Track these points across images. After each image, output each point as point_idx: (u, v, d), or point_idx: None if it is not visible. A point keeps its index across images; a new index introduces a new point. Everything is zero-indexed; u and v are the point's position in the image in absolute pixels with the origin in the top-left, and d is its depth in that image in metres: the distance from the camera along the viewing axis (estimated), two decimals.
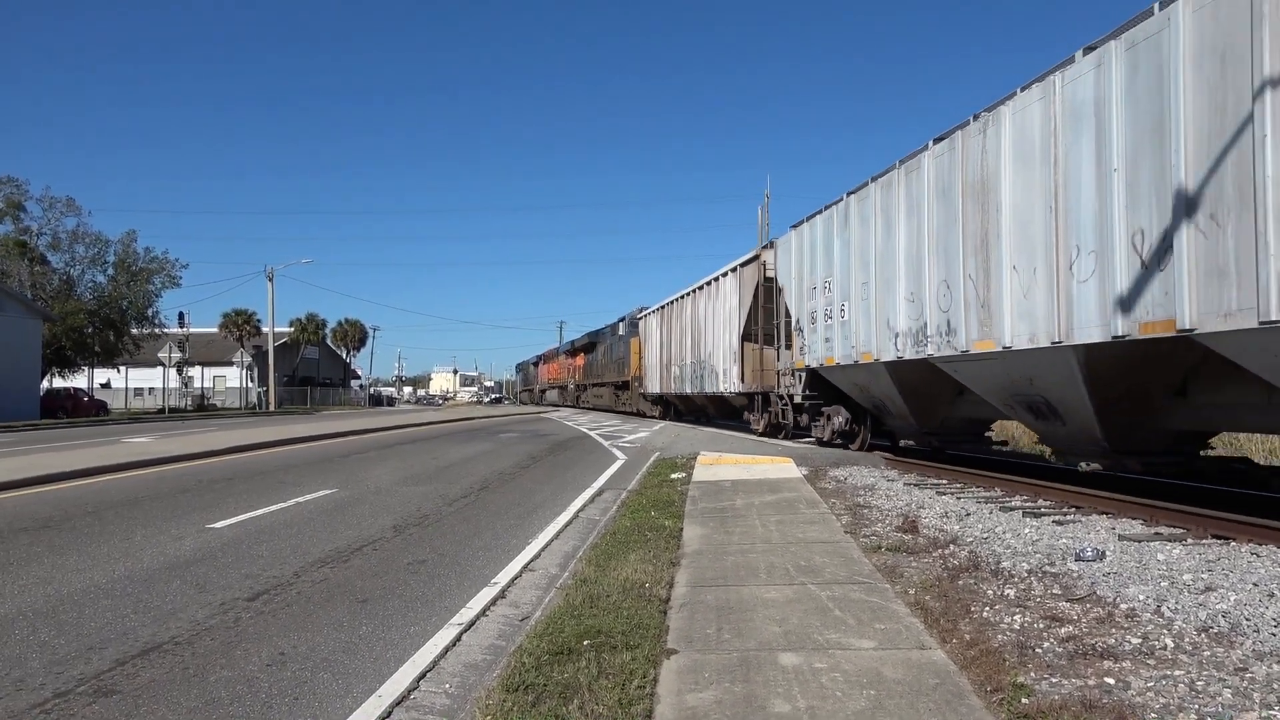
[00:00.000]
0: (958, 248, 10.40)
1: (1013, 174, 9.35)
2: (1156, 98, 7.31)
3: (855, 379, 14.13)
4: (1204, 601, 5.15)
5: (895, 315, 12.09)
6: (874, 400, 14.26)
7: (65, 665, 4.59)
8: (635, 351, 34.09)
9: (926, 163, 11.19)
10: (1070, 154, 8.43)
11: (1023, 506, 9.09)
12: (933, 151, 11.08)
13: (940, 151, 10.91)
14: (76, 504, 10.48)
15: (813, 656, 4.20)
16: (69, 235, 49.24)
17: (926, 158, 11.20)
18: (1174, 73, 7.08)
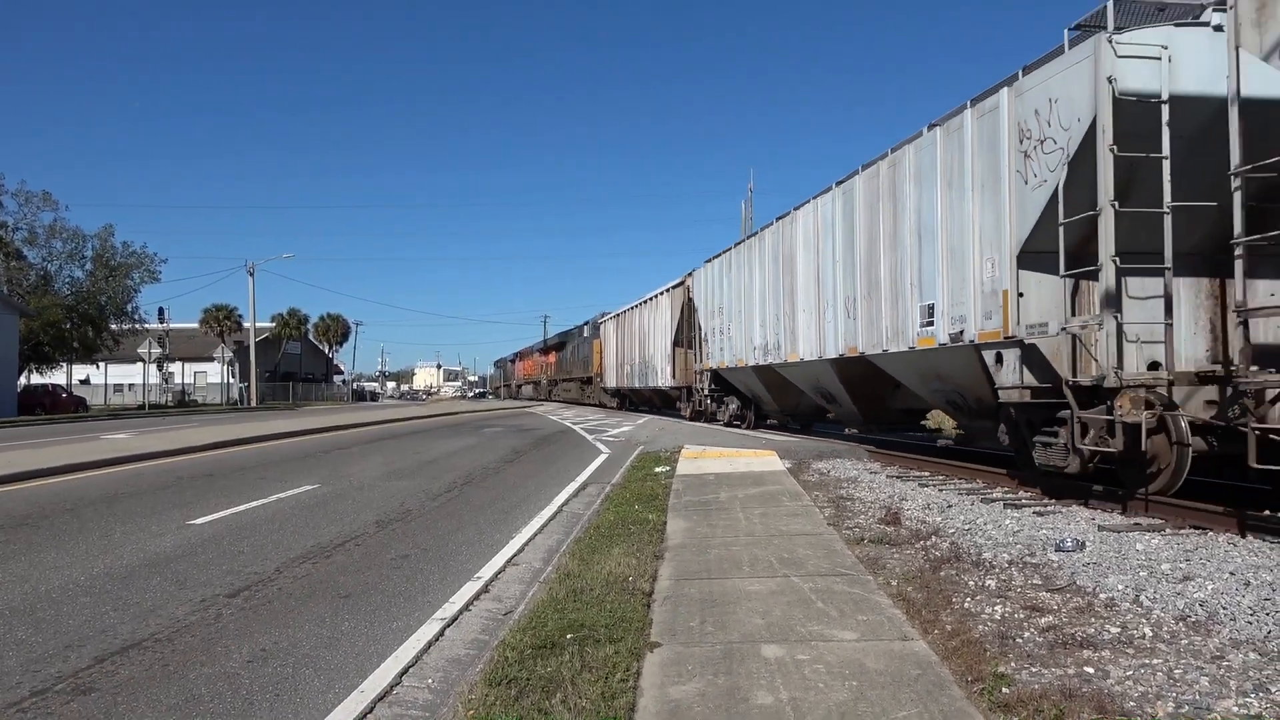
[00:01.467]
0: (779, 295, 16.30)
1: (802, 253, 15.15)
2: (850, 221, 13.05)
3: (738, 378, 20.18)
4: (1182, 591, 5.20)
5: (754, 335, 17.92)
6: (751, 392, 20.03)
7: (43, 663, 4.54)
8: (597, 351, 39.34)
9: (766, 236, 17.29)
10: (823, 247, 14.15)
11: (1004, 498, 9.16)
12: (770, 229, 17.05)
13: (774, 230, 16.78)
14: (54, 501, 10.37)
15: (795, 648, 4.21)
16: (46, 230, 48.64)
17: (767, 233, 17.31)
18: (856, 209, 12.84)
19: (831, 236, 13.72)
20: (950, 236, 10.30)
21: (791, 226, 15.58)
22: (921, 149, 10.97)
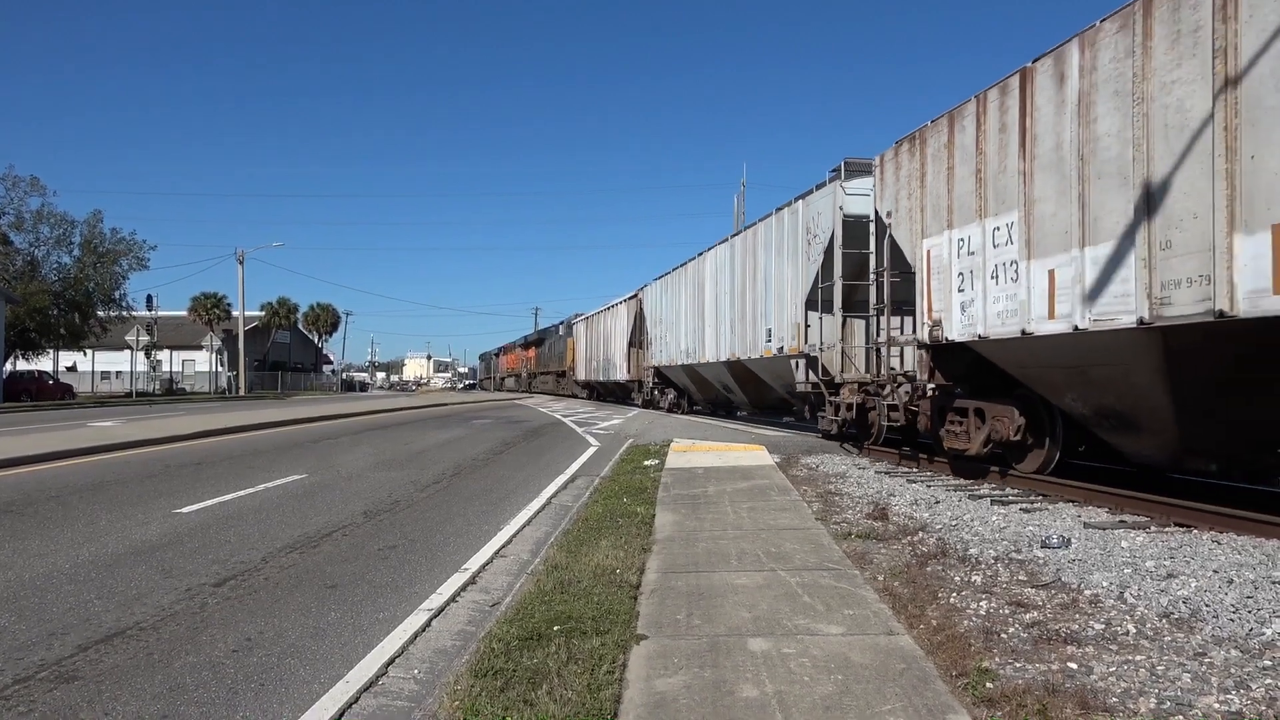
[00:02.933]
0: (696, 312, 22.21)
1: (709, 284, 20.90)
2: (732, 267, 18.66)
3: (673, 374, 25.90)
4: (1166, 588, 5.24)
5: (682, 341, 23.64)
6: (683, 385, 25.80)
7: (26, 651, 4.52)
8: (570, 349, 44.76)
9: (689, 268, 22.97)
10: (720, 281, 19.98)
11: (991, 494, 9.19)
12: (692, 263, 22.65)
13: (694, 264, 22.43)
14: (39, 488, 10.31)
15: (782, 642, 4.22)
16: (33, 215, 48.08)
17: (689, 265, 22.91)
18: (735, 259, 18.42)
19: (725, 275, 19.80)
20: (777, 286, 16.33)
21: (703, 264, 21.85)
22: (766, 227, 17.02)
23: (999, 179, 9.20)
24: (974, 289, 9.67)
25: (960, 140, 9.93)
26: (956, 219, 10.06)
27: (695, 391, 24.75)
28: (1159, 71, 7.00)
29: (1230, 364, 7.03)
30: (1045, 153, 8.43)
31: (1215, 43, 6.42)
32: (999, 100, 9.12)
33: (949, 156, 10.18)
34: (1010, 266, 9.00)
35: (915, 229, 11.10)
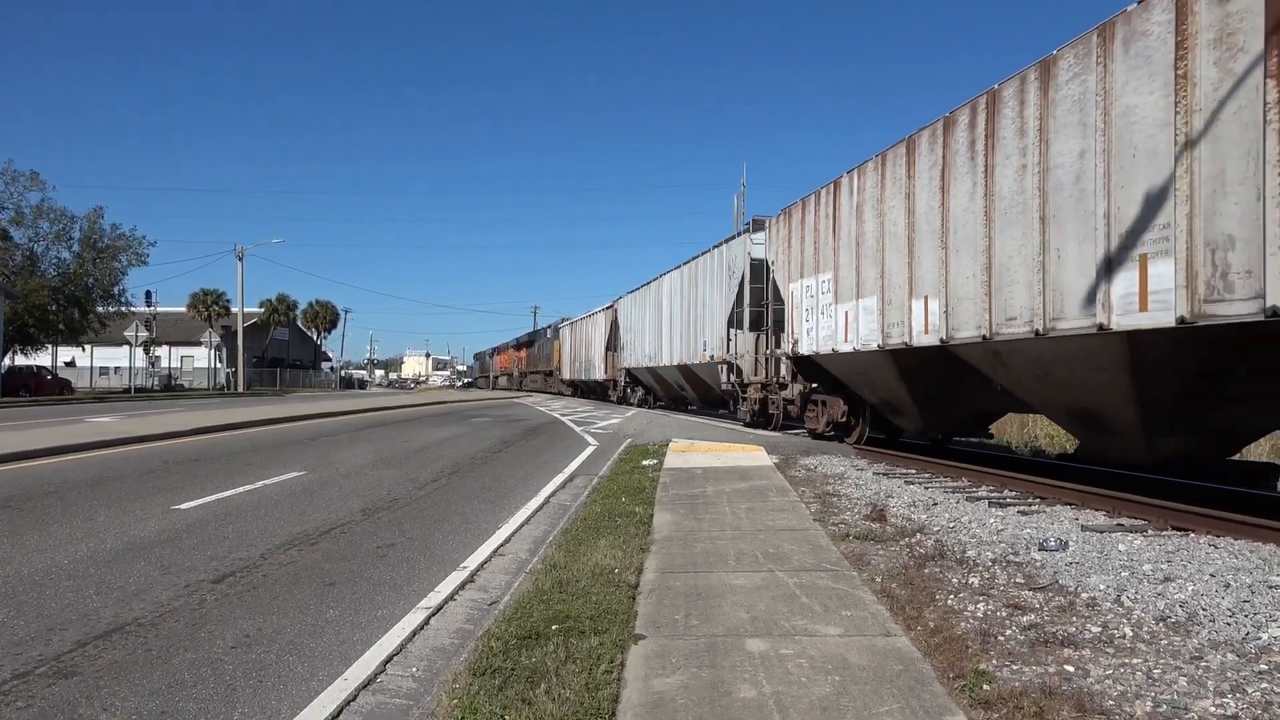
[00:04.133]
0: (657, 323, 26.56)
1: (665, 301, 25.31)
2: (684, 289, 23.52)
3: (641, 374, 30.49)
4: (1163, 591, 5.25)
5: (646, 346, 28.27)
6: (648, 384, 30.32)
7: (24, 646, 4.52)
8: (557, 350, 49.01)
9: (653, 287, 27.48)
10: (674, 299, 24.54)
11: (989, 496, 9.21)
12: (655, 282, 27.08)
13: (657, 283, 26.75)
14: (37, 484, 10.31)
15: (779, 643, 4.23)
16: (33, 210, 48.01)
17: (653, 285, 27.36)
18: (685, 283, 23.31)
19: (678, 295, 24.33)
20: (710, 307, 21.08)
21: (662, 284, 26.33)
22: (704, 260, 21.92)
23: (824, 249, 13.90)
24: (812, 320, 14.35)
25: (805, 218, 14.74)
26: (804, 272, 14.76)
27: (658, 389, 29.14)
28: (888, 199, 11.67)
29: (932, 370, 11.35)
30: (844, 236, 13.07)
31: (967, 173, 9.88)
32: (825, 197, 13.81)
33: (801, 228, 14.94)
34: (828, 307, 13.72)
35: (785, 275, 15.88)
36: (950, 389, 11.55)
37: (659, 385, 28.27)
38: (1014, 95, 8.87)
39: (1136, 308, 7.23)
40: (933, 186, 10.43)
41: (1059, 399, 9.31)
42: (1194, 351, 7.28)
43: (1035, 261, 8.52)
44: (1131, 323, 7.30)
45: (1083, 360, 8.30)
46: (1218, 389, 7.64)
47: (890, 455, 12.97)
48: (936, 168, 10.32)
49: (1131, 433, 8.43)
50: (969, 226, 9.70)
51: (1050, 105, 8.31)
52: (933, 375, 11.41)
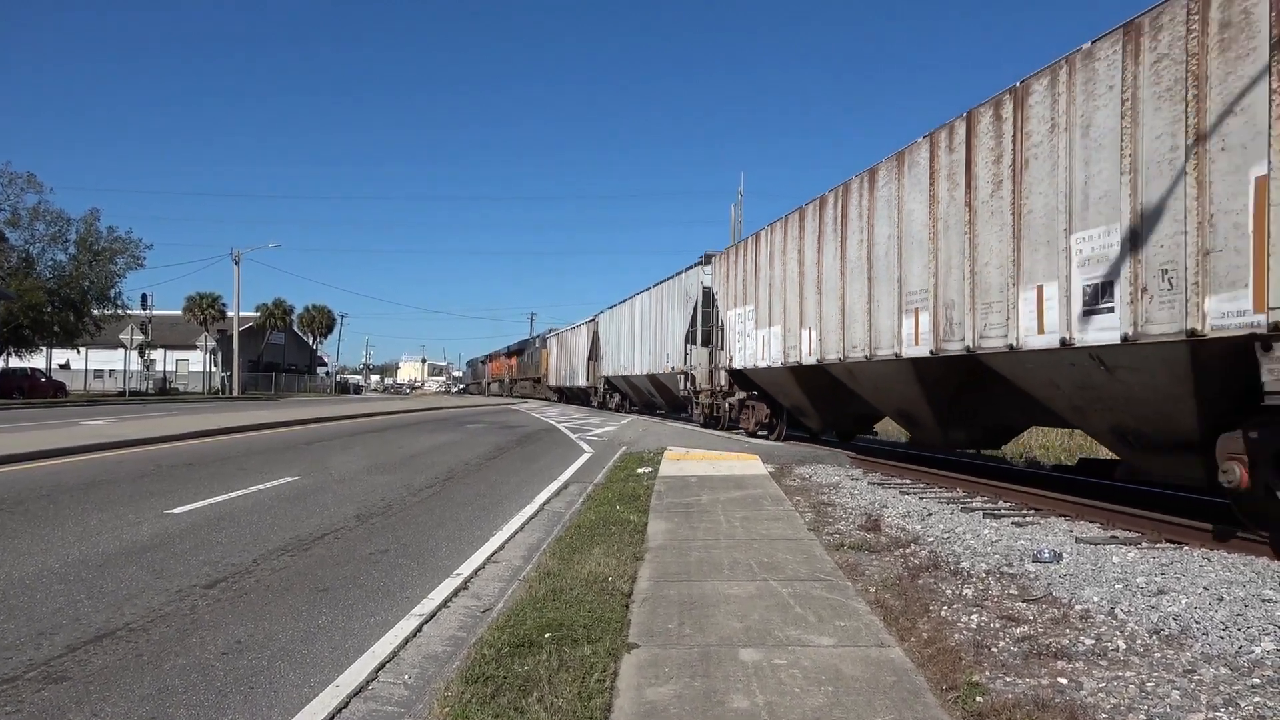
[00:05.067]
0: (630, 337, 29.99)
1: (636, 319, 28.94)
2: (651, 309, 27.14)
3: (618, 381, 33.65)
4: (1156, 604, 5.25)
5: (621, 357, 31.81)
6: (625, 391, 33.66)
7: (14, 651, 4.50)
8: (545, 358, 52.37)
9: (625, 306, 30.86)
10: (642, 318, 28.23)
11: (983, 508, 9.21)
12: (629, 301, 30.44)
13: (630, 303, 30.01)
14: (30, 486, 10.27)
15: (773, 653, 4.22)
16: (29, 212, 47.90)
17: (627, 304, 30.71)
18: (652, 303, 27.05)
19: (647, 314, 27.70)
20: (671, 325, 24.52)
21: (635, 303, 29.71)
22: (669, 284, 25.22)
23: (749, 286, 17.11)
24: (742, 341, 17.62)
25: (737, 260, 18.07)
26: (736, 302, 18.02)
27: (632, 395, 32.63)
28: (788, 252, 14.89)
29: (817, 381, 14.47)
30: (762, 277, 16.27)
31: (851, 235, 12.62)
32: (750, 245, 17.14)
33: (735, 267, 18.18)
34: (752, 331, 16.82)
35: (724, 303, 19.09)
36: (832, 396, 14.81)
37: (633, 392, 31.89)
38: (856, 189, 12.27)
39: (913, 343, 10.67)
40: (812, 247, 13.78)
41: (890, 404, 12.84)
42: (946, 372, 10.71)
43: (866, 307, 11.90)
44: (911, 353, 10.74)
45: (894, 377, 11.70)
46: (976, 397, 11.03)
47: (885, 465, 12.99)
48: (814, 233, 13.70)
49: (931, 426, 11.86)
50: (832, 279, 13.06)
51: (874, 201, 11.72)
52: (819, 385, 14.72)
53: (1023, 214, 8.63)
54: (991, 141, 9.17)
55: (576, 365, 41.64)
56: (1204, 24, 6.61)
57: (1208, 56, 6.58)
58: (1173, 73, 6.86)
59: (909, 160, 10.76)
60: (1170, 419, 7.50)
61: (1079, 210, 7.86)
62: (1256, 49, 6.18)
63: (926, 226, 10.30)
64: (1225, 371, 6.73)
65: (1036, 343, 8.39)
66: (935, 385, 11.12)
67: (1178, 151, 6.79)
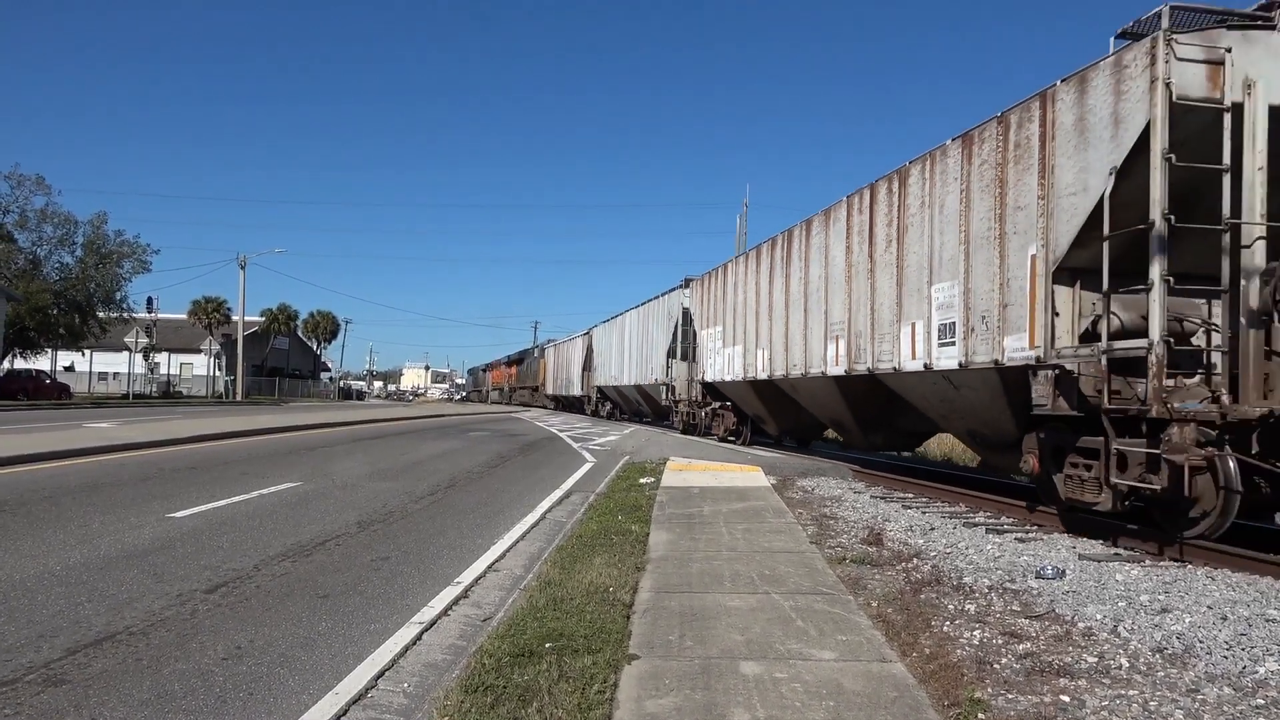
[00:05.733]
0: (619, 350, 32.85)
1: (624, 334, 31.59)
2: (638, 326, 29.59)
3: (608, 391, 36.20)
4: (1160, 623, 5.23)
5: (611, 368, 34.41)
6: (615, 400, 36.25)
7: (14, 653, 4.49)
8: (543, 368, 55.00)
9: (616, 322, 33.55)
10: (630, 335, 30.73)
11: (986, 523, 9.19)
12: (619, 318, 32.84)
13: (621, 319, 32.38)
14: (33, 488, 10.28)
15: (774, 666, 4.21)
16: (37, 214, 48.11)
17: (617, 320, 33.33)
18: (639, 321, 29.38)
19: (635, 329, 30.04)
20: (655, 341, 26.53)
21: (625, 319, 31.99)
22: (654, 304, 27.35)
23: (718, 310, 19.82)
24: (712, 358, 20.08)
25: (709, 287, 20.70)
26: (709, 323, 20.65)
27: (622, 404, 35.46)
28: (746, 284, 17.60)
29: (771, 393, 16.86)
30: (728, 303, 18.96)
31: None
32: (719, 275, 19.85)
33: (708, 293, 20.87)
34: (721, 349, 19.34)
35: (699, 323, 21.68)
36: (783, 406, 16.98)
37: (622, 400, 34.85)
38: (798, 235, 14.76)
39: (835, 364, 13.17)
40: (765, 280, 16.38)
41: (824, 413, 15.33)
42: (860, 387, 12.99)
43: (802, 333, 14.39)
44: (833, 372, 13.28)
45: (823, 391, 14.22)
46: (885, 408, 13.17)
47: (888, 479, 12.96)
48: (768, 268, 16.27)
49: (855, 431, 14.56)
50: (779, 307, 15.54)
51: (809, 247, 14.28)
52: (772, 397, 17.09)
53: (904, 267, 11.10)
54: (886, 208, 11.64)
55: (572, 375, 44.04)
56: (1005, 143, 9.05)
57: (1007, 166, 9.00)
58: (990, 174, 9.29)
59: (833, 216, 13.35)
60: (998, 424, 9.81)
61: (936, 267, 10.31)
62: (1032, 165, 8.59)
63: (844, 271, 12.90)
64: (1021, 390, 8.75)
65: (911, 366, 10.88)
66: (854, 398, 13.50)
67: (992, 231, 9.23)
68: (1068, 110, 8.15)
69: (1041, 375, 8.28)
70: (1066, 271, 8.26)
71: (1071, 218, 8.03)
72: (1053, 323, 8.32)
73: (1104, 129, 7.70)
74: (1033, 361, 8.42)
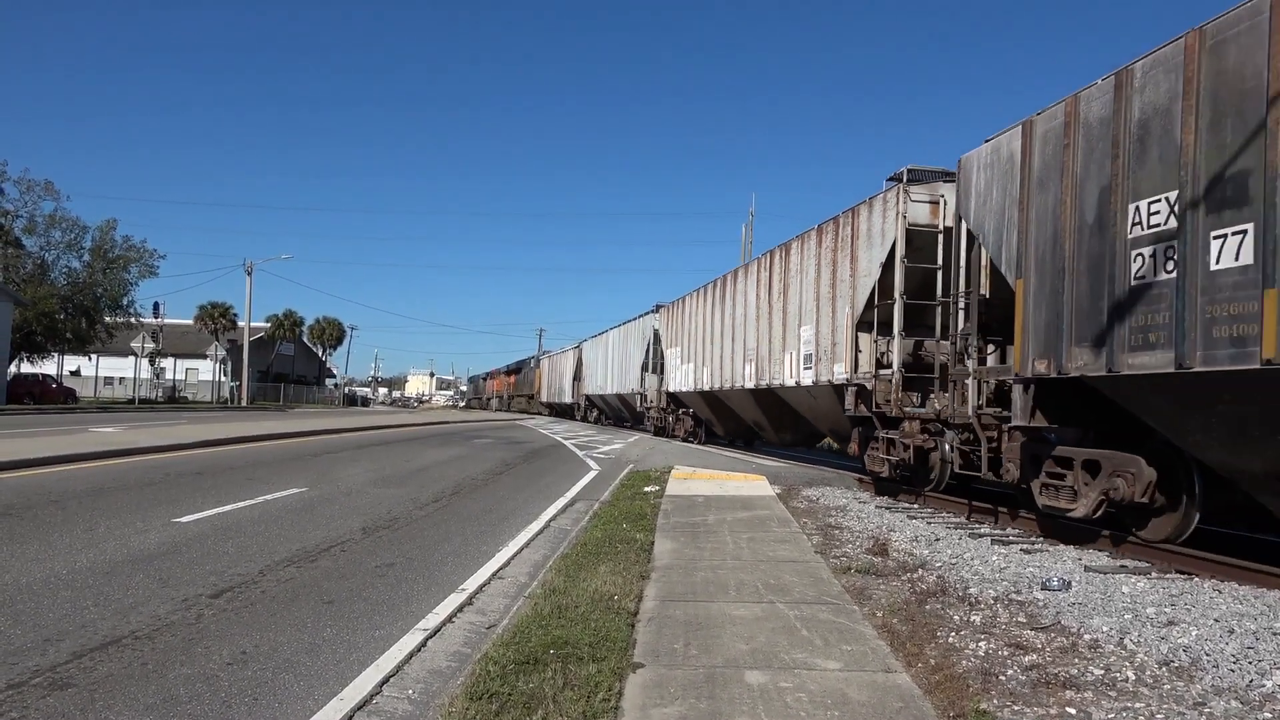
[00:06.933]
0: (603, 364, 37.02)
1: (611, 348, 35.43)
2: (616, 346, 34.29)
3: (596, 400, 39.65)
4: (1166, 635, 5.21)
5: (598, 380, 38.13)
6: (601, 407, 39.65)
7: (20, 656, 4.51)
8: (538, 377, 59.01)
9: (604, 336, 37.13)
10: (612, 353, 34.94)
11: (991, 534, 9.16)
12: (605, 334, 37.02)
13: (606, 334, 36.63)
14: (39, 492, 10.31)
15: (779, 675, 4.20)
16: (45, 219, 48.38)
17: (604, 335, 37.04)
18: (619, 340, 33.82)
19: (616, 346, 34.01)
20: (633, 356, 30.76)
21: (609, 336, 35.76)
22: (632, 325, 31.23)
23: (677, 333, 24.25)
24: (675, 372, 24.34)
25: (673, 313, 25.09)
26: (672, 343, 24.96)
27: (608, 411, 38.99)
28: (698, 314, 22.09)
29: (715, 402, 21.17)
30: (685, 328, 23.25)
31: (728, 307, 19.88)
32: (679, 305, 24.15)
33: (672, 319, 25.17)
34: (681, 365, 23.46)
35: (666, 342, 25.88)
36: (724, 412, 21.19)
37: (607, 407, 38.86)
38: (737, 278, 18.87)
39: (749, 381, 17.44)
40: (711, 311, 20.66)
41: (750, 418, 19.55)
42: (767, 398, 17.06)
43: (731, 355, 18.74)
44: (750, 385, 17.43)
45: (745, 400, 18.58)
46: (788, 414, 16.91)
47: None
48: (713, 302, 20.60)
49: (771, 432, 18.93)
50: (718, 335, 19.91)
51: (736, 291, 18.73)
52: (716, 405, 21.24)
53: (786, 312, 15.44)
54: (780, 269, 15.88)
55: (564, 384, 48.00)
56: (836, 237, 13.40)
57: (837, 251, 13.21)
58: (828, 255, 13.56)
59: (756, 266, 17.61)
60: (840, 423, 13.91)
61: (802, 314, 14.59)
62: (847, 254, 12.99)
63: (755, 311, 17.24)
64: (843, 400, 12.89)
65: (790, 382, 15.15)
66: (765, 405, 17.70)
67: (829, 293, 13.44)
68: (863, 222, 12.39)
69: (850, 390, 12.60)
70: (865, 323, 12.33)
71: (865, 290, 12.21)
72: (857, 357, 12.50)
73: (878, 237, 11.95)
74: (845, 381, 12.68)
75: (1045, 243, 8.24)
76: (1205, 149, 6.41)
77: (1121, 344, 7.13)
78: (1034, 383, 8.41)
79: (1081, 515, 8.01)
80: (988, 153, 9.39)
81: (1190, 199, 6.51)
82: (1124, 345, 7.10)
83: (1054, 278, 8.07)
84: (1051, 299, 8.10)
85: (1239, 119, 6.16)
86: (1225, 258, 6.18)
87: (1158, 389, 6.98)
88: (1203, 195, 6.40)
